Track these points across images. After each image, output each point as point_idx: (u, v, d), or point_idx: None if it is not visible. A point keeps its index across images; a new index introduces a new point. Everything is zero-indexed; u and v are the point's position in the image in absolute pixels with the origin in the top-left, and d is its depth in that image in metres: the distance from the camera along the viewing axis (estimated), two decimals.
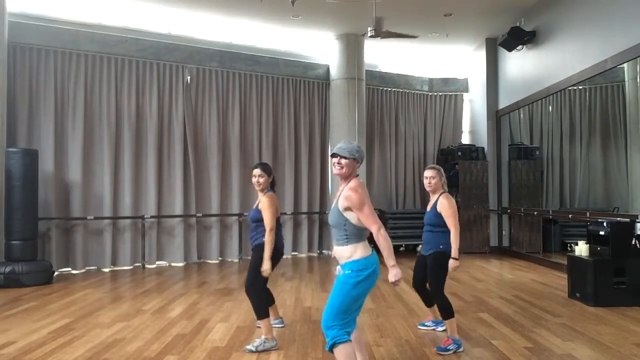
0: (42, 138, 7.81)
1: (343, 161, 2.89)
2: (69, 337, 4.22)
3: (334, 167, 2.95)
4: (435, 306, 4.17)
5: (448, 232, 4.00)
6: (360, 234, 2.82)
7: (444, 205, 4.06)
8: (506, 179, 9.89)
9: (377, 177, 10.81)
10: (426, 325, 4.46)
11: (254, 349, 3.80)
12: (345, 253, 2.81)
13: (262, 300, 4.03)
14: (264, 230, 3.97)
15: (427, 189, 4.24)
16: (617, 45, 6.34)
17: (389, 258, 2.76)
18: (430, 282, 4.12)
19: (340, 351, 2.76)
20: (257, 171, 4.13)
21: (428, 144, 11.28)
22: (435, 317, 4.35)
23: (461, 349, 3.80)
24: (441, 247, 4.02)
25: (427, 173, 4.22)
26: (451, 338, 3.84)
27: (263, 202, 4.02)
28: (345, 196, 2.81)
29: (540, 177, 8.87)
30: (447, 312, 3.94)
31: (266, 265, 3.90)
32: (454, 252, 3.96)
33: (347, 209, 2.81)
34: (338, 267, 2.87)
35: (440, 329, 4.32)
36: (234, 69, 9.45)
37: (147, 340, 4.12)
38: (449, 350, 3.76)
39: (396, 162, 11.02)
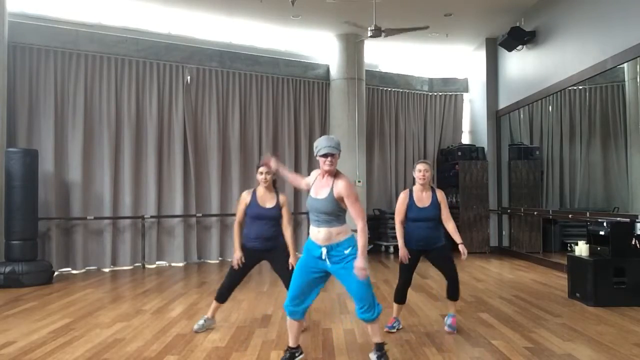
0: (42, 138, 7.81)
1: (334, 159, 3.23)
2: (69, 337, 4.22)
3: (324, 165, 3.23)
4: (399, 305, 4.41)
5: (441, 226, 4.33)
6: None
7: (443, 197, 4.34)
8: (506, 179, 9.89)
9: (377, 177, 10.81)
10: (393, 327, 4.38)
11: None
12: (340, 230, 3.24)
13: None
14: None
15: (421, 182, 4.31)
16: (617, 45, 6.34)
17: (364, 250, 3.17)
18: (452, 268, 4.32)
19: (378, 321, 3.34)
20: (264, 168, 4.33)
21: (428, 144, 11.28)
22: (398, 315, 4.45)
23: None
24: (443, 240, 4.33)
25: (422, 167, 4.32)
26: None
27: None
28: (346, 188, 3.18)
29: (540, 177, 8.87)
30: (459, 293, 4.34)
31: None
32: (460, 239, 4.31)
33: (341, 199, 3.18)
34: (324, 250, 3.24)
35: (400, 326, 4.43)
36: (234, 69, 9.45)
37: (147, 340, 4.12)
38: (452, 328, 4.24)
39: (396, 162, 11.02)
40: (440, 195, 4.33)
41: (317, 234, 3.29)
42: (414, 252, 4.32)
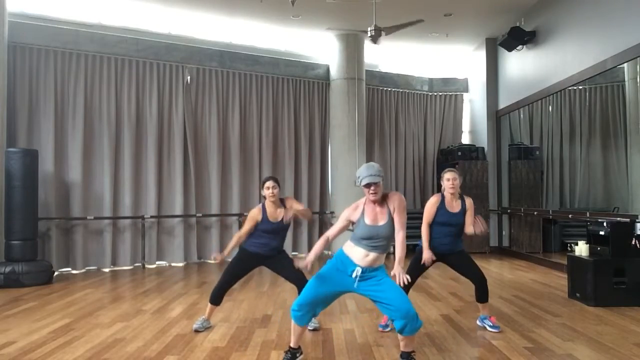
0: (42, 138, 7.81)
1: (377, 187, 3.20)
2: (69, 337, 4.22)
3: (369, 195, 3.22)
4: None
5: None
6: None
7: (471, 204, 4.37)
8: (506, 179, 9.89)
9: None
10: (387, 325, 4.38)
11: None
12: (383, 258, 3.31)
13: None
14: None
15: (451, 191, 4.30)
16: (617, 45, 6.34)
17: (402, 261, 3.25)
18: (477, 271, 4.37)
19: (414, 337, 3.31)
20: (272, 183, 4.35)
21: (428, 144, 11.28)
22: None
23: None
24: (462, 246, 4.42)
25: (450, 175, 4.32)
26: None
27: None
28: (400, 200, 3.27)
29: (540, 177, 8.87)
30: (488, 294, 4.39)
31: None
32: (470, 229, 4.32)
33: (394, 210, 3.25)
34: (358, 269, 3.23)
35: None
36: (234, 69, 9.45)
37: (147, 340, 4.12)
38: (496, 327, 4.30)
39: (396, 162, 11.02)
40: (469, 202, 4.36)
41: (365, 256, 3.25)
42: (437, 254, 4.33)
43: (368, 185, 3.20)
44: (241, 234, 4.41)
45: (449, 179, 4.29)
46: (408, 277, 3.15)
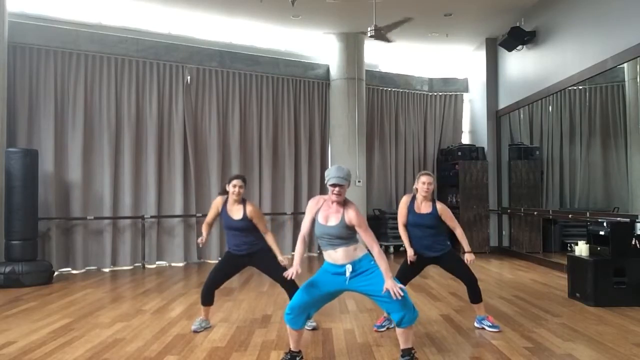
0: (42, 138, 7.80)
1: (342, 189, 3.26)
2: (69, 337, 4.22)
3: (332, 195, 3.29)
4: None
5: (443, 233, 4.38)
6: None
7: (445, 209, 4.31)
8: (506, 179, 9.89)
9: (377, 177, 10.81)
10: (383, 326, 4.40)
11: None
12: (356, 246, 3.33)
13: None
14: None
15: (423, 194, 4.30)
16: (617, 45, 6.34)
17: (389, 271, 3.19)
18: (466, 271, 4.34)
19: (412, 328, 3.34)
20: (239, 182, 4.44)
21: (428, 144, 11.28)
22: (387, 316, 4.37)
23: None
24: (449, 244, 4.38)
25: (425, 179, 4.30)
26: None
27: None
28: (357, 218, 3.26)
29: (540, 177, 8.87)
30: (480, 295, 4.38)
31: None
32: (468, 246, 4.35)
33: (352, 226, 3.26)
34: (348, 266, 3.28)
35: (393, 325, 4.33)
36: (234, 69, 9.45)
37: (147, 340, 4.12)
38: (495, 327, 4.30)
39: (396, 162, 11.02)
40: (441, 208, 4.30)
41: (335, 254, 3.32)
42: (419, 257, 4.33)
43: (334, 185, 3.26)
44: (207, 221, 4.63)
45: (425, 182, 4.28)
46: (402, 287, 3.16)
